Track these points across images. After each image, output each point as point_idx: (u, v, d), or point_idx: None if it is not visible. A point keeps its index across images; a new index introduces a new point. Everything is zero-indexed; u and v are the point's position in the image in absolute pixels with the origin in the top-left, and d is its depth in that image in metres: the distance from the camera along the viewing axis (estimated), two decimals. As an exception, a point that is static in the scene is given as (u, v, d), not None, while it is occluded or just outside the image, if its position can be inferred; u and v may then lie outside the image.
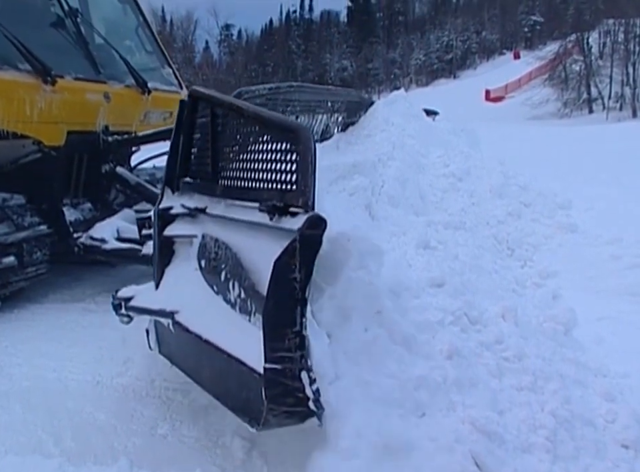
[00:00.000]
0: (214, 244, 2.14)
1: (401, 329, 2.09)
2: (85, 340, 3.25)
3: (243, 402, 1.83)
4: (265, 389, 1.62)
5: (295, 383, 1.62)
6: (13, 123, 3.47)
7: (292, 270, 1.58)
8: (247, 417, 1.79)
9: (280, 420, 1.70)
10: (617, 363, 2.68)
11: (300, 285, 1.58)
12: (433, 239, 3.23)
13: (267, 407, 1.64)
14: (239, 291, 1.93)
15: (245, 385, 1.78)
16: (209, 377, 2.07)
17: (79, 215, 4.05)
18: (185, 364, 2.27)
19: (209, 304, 2.09)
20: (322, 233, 1.59)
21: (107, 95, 4.10)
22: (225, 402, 1.96)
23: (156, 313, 2.32)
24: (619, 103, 37.83)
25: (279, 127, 1.87)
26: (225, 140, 2.25)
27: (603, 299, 3.51)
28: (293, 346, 1.60)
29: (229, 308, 1.99)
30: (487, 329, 2.48)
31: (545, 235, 4.26)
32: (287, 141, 1.80)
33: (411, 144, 4.25)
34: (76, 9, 4.30)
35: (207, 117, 2.34)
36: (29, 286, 3.91)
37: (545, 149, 12.01)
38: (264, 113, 2.01)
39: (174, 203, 2.47)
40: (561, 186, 5.55)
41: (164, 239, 2.47)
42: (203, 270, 2.22)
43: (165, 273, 2.47)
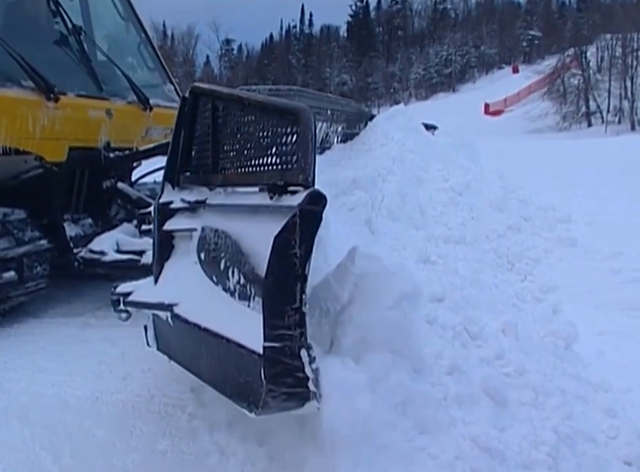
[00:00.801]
0: (213, 235, 2.13)
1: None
2: (85, 355, 3.24)
3: (242, 387, 1.81)
4: (264, 369, 1.60)
5: (295, 362, 1.60)
6: (16, 139, 3.49)
7: (292, 246, 1.57)
8: (245, 402, 1.77)
9: (279, 402, 1.67)
10: (619, 378, 2.67)
11: (300, 261, 1.56)
12: (433, 253, 3.23)
13: (266, 387, 1.61)
14: (238, 277, 1.91)
15: (244, 369, 1.76)
16: (207, 365, 2.05)
17: (79, 230, 4.06)
18: (184, 357, 2.25)
19: (208, 295, 2.07)
20: (322, 209, 1.59)
21: (109, 111, 4.13)
22: (224, 390, 1.94)
23: (155, 307, 2.31)
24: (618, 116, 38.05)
25: (280, 110, 1.88)
26: (226, 131, 2.27)
27: (603, 313, 3.51)
28: (292, 323, 1.59)
29: (228, 297, 1.97)
30: (487, 344, 2.47)
31: (544, 249, 4.26)
32: (287, 123, 1.81)
33: (411, 158, 4.27)
34: (79, 27, 4.34)
35: (207, 111, 2.36)
36: (29, 300, 3.91)
37: (545, 163, 12.05)
38: (264, 98, 2.03)
39: (174, 197, 2.47)
40: (561, 200, 5.56)
41: (163, 234, 2.47)
42: (202, 262, 2.21)
43: (165, 268, 2.46)
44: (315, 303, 1.85)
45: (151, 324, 2.46)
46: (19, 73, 3.58)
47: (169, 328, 2.22)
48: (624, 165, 10.22)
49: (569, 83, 41.53)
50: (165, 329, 2.34)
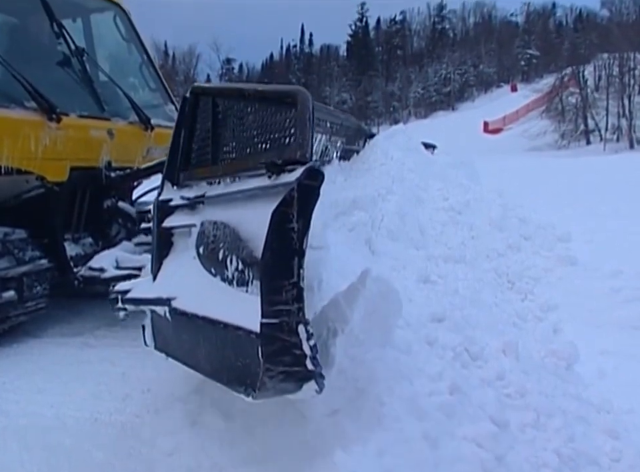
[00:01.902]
0: (212, 228, 2.13)
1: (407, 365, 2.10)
2: (84, 375, 3.22)
3: (239, 370, 1.80)
4: (262, 346, 1.59)
5: (292, 338, 1.58)
6: (18, 159, 3.52)
7: (290, 220, 1.57)
8: (242, 386, 1.76)
9: (276, 383, 1.65)
10: (620, 398, 2.66)
11: (297, 235, 1.56)
12: (432, 273, 3.23)
13: (264, 366, 1.60)
14: (236, 264, 1.91)
15: (242, 351, 1.75)
16: (205, 355, 2.03)
17: (79, 249, 4.07)
18: (181, 351, 2.24)
19: (206, 288, 2.07)
20: (319, 184, 1.60)
21: (110, 131, 4.17)
22: (221, 378, 1.93)
23: (153, 302, 2.31)
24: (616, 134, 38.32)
25: (278, 94, 1.93)
26: (226, 125, 2.31)
27: (604, 332, 3.50)
28: (290, 298, 1.58)
29: (226, 286, 1.96)
30: (488, 365, 2.47)
31: (545, 268, 4.26)
32: (285, 105, 1.84)
33: (410, 178, 4.28)
34: (82, 48, 4.39)
35: (208, 109, 2.39)
36: (28, 320, 3.90)
37: (544, 180, 12.10)
38: (263, 87, 2.07)
39: (173, 195, 2.49)
40: (560, 218, 5.57)
41: (163, 231, 2.48)
42: (201, 256, 2.21)
43: (163, 265, 2.46)
44: (322, 323, 1.86)
45: (149, 322, 2.46)
46: (21, 94, 3.62)
47: (166, 323, 2.22)
48: (623, 183, 10.27)
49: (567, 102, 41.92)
50: (162, 326, 2.33)
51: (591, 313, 3.69)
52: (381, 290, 1.99)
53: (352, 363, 1.95)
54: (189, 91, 2.55)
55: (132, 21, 5.18)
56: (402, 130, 5.01)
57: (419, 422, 1.96)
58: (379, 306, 1.98)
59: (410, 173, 4.30)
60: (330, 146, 3.90)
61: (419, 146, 5.16)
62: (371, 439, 1.84)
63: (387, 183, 3.82)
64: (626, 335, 3.47)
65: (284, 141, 1.82)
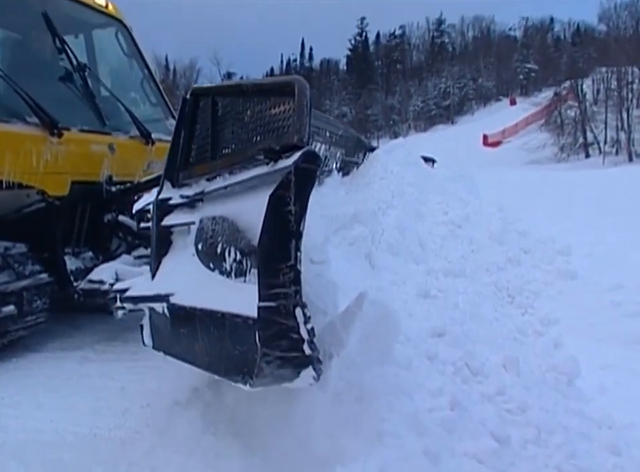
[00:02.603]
0: (211, 223, 2.15)
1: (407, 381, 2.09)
2: (83, 390, 3.20)
3: (237, 359, 1.79)
4: (259, 331, 1.59)
5: (290, 321, 1.58)
6: (19, 173, 3.52)
7: (287, 203, 1.58)
8: (240, 375, 1.75)
9: (274, 369, 1.64)
10: (622, 414, 2.65)
11: (295, 218, 1.58)
12: (433, 287, 3.24)
13: (261, 351, 1.59)
14: (234, 256, 1.91)
15: (239, 339, 1.75)
16: (202, 348, 2.03)
17: (80, 263, 4.06)
18: (179, 347, 2.23)
19: (205, 283, 2.07)
20: (316, 167, 1.63)
21: (111, 146, 4.18)
22: (218, 369, 1.93)
23: (151, 299, 2.31)
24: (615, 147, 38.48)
25: (276, 85, 1.97)
26: (225, 122, 2.34)
27: (604, 346, 3.49)
28: (287, 281, 1.58)
29: (224, 279, 1.97)
30: (488, 380, 2.46)
31: (545, 282, 4.27)
32: (284, 95, 1.87)
33: (410, 192, 4.30)
34: (84, 64, 4.43)
35: (208, 108, 2.42)
36: (28, 334, 3.89)
37: (543, 193, 12.14)
38: (261, 80, 2.13)
39: (173, 194, 2.50)
40: (560, 231, 5.59)
41: (162, 229, 2.49)
42: (199, 253, 2.22)
43: (162, 263, 2.47)
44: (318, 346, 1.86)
45: (147, 322, 2.45)
46: (23, 108, 3.64)
47: (164, 320, 2.22)
48: (622, 196, 10.30)
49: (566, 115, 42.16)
50: (161, 323, 2.33)
51: (591, 327, 3.69)
52: (378, 313, 1.99)
53: (348, 385, 1.95)
54: (188, 93, 2.59)
55: (134, 37, 5.23)
56: (401, 144, 5.04)
57: (419, 438, 1.95)
58: (377, 329, 1.98)
59: (410, 187, 4.32)
60: (329, 156, 3.87)
61: (419, 160, 5.19)
62: (372, 456, 1.84)
63: (387, 197, 3.83)
64: (627, 349, 3.46)
65: (283, 130, 1.85)
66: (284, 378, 1.68)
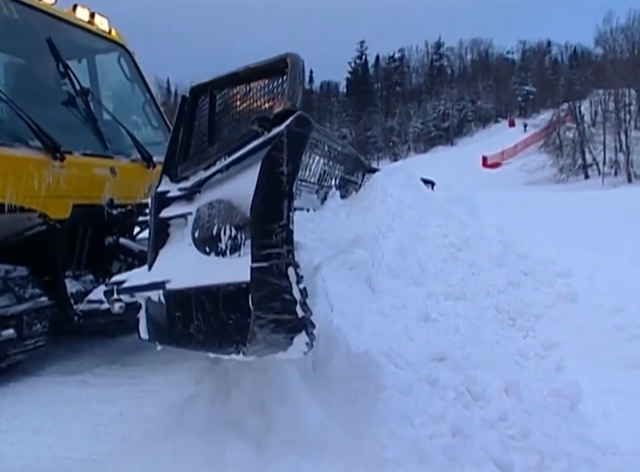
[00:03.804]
0: (208, 209, 2.18)
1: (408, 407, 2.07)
2: (82, 415, 3.18)
3: (230, 330, 1.80)
4: (252, 292, 1.60)
5: (282, 282, 1.59)
6: (21, 197, 3.54)
7: (279, 164, 1.63)
8: (233, 345, 1.76)
9: (267, 334, 1.64)
10: (626, 439, 2.61)
11: (287, 179, 1.62)
12: (433, 311, 3.23)
13: (254, 314, 1.60)
14: (229, 232, 1.95)
15: (233, 306, 1.77)
16: (197, 328, 2.03)
17: (80, 286, 4.06)
18: (174, 333, 2.23)
19: (200, 266, 2.09)
20: (308, 131, 1.68)
21: (113, 169, 4.21)
22: (212, 346, 1.94)
23: (147, 287, 2.33)
24: (614, 168, 38.67)
25: (270, 64, 2.05)
26: (223, 110, 2.42)
27: (607, 370, 3.46)
28: (280, 241, 1.60)
29: (219, 259, 1.99)
30: (490, 405, 2.44)
31: (545, 305, 4.25)
32: (278, 72, 1.96)
33: (410, 214, 4.30)
34: (87, 88, 4.48)
35: (206, 103, 2.48)
36: (27, 358, 3.86)
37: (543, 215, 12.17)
38: (255, 63, 2.19)
39: (171, 188, 2.55)
40: (560, 253, 5.58)
41: (160, 221, 2.51)
42: (196, 240, 2.24)
43: (159, 255, 2.49)
44: None
45: (143, 314, 2.46)
46: (26, 132, 3.67)
47: (160, 308, 2.23)
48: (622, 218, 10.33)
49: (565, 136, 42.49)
50: (157, 313, 2.34)
51: (593, 351, 3.66)
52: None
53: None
54: (188, 91, 2.66)
55: (136, 62, 5.31)
56: (401, 167, 5.06)
57: (421, 466, 1.93)
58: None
59: (410, 210, 4.32)
60: (328, 170, 3.84)
61: (419, 182, 5.20)
62: (373, 484, 1.82)
63: (387, 220, 3.84)
64: (629, 373, 3.43)
65: (276, 98, 1.95)
66: (277, 344, 1.68)
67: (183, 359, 3.97)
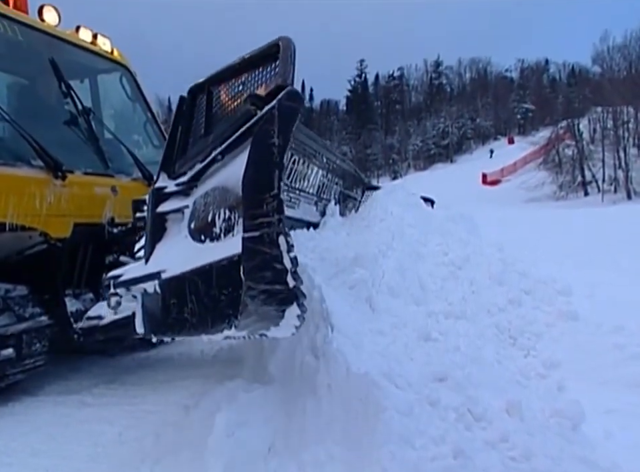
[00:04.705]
0: (203, 199, 2.22)
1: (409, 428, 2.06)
2: (81, 436, 3.15)
3: (223, 305, 1.82)
4: (244, 262, 1.62)
5: (273, 250, 1.61)
6: (23, 216, 3.56)
7: (271, 136, 1.67)
8: (225, 321, 1.77)
9: (258, 306, 1.65)
10: (630, 461, 2.58)
11: (278, 150, 1.65)
12: (433, 330, 3.22)
13: (246, 284, 1.61)
14: (224, 215, 1.98)
15: (225, 280, 1.79)
16: (191, 311, 2.04)
17: (80, 305, 4.05)
18: (169, 322, 2.24)
19: (196, 254, 2.11)
20: (299, 106, 1.72)
21: (114, 188, 4.24)
22: (206, 326, 1.96)
23: (144, 279, 2.36)
24: (613, 185, 38.76)
25: (264, 50, 2.11)
26: (218, 105, 2.48)
27: (609, 390, 3.43)
28: (270, 210, 1.62)
29: (214, 244, 2.02)
30: (492, 426, 2.42)
31: (546, 323, 4.23)
32: (271, 58, 2.02)
33: (410, 233, 4.31)
34: (88, 107, 4.52)
35: (203, 101, 2.55)
36: (26, 377, 3.84)
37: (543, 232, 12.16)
38: (249, 53, 2.26)
39: (168, 184, 2.60)
40: (560, 271, 5.56)
41: (157, 216, 2.55)
42: (192, 231, 2.28)
43: (156, 249, 2.52)
44: None
45: (139, 308, 2.48)
46: (29, 152, 3.70)
47: (156, 298, 2.26)
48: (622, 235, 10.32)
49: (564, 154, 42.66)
50: (152, 304, 2.35)
51: (595, 370, 3.63)
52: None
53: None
54: (187, 91, 2.73)
55: (137, 81, 5.36)
56: (401, 185, 5.08)
57: (422, 488, 1.91)
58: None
59: (410, 228, 4.33)
60: (327, 183, 3.82)
61: (419, 200, 5.22)
62: (373, 507, 1.80)
63: (387, 238, 3.84)
64: (632, 393, 3.40)
65: (270, 77, 2.02)
66: (269, 318, 1.68)
67: (181, 378, 3.96)
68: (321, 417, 2.15)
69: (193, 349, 4.75)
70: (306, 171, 3.28)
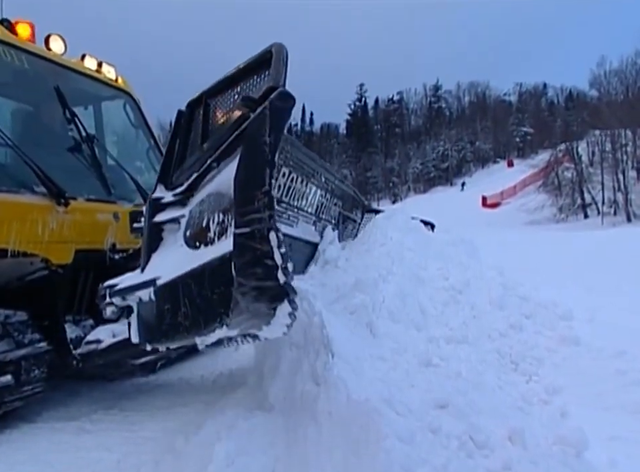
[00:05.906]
0: (199, 206, 2.24)
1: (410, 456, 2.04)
2: (79, 463, 3.12)
3: (214, 304, 1.82)
4: (235, 258, 1.63)
5: (264, 246, 1.61)
6: (25, 243, 3.57)
7: (262, 134, 1.70)
8: (217, 319, 1.77)
9: (249, 303, 1.64)
10: (634, 490, 2.56)
11: (269, 149, 1.68)
12: (434, 355, 3.21)
13: (237, 281, 1.61)
14: (218, 219, 1.99)
15: (216, 279, 1.80)
16: (184, 314, 2.04)
17: (79, 331, 4.04)
18: (164, 328, 2.24)
19: (189, 260, 2.11)
20: (290, 106, 1.76)
21: (116, 214, 4.26)
22: (199, 328, 1.95)
23: (139, 287, 2.37)
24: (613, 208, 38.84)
25: (259, 58, 2.16)
26: (215, 116, 2.53)
27: (612, 416, 3.41)
28: (262, 206, 1.64)
29: (208, 249, 2.02)
30: (494, 454, 2.40)
31: (548, 348, 4.21)
32: (265, 61, 2.05)
33: (410, 257, 4.32)
34: (92, 134, 4.57)
35: (200, 114, 2.60)
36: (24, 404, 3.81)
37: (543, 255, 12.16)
38: (244, 62, 2.30)
39: (165, 194, 2.64)
40: (561, 294, 5.56)
41: (153, 225, 2.58)
42: (187, 239, 2.30)
43: (152, 258, 2.54)
44: None
45: (135, 317, 2.49)
46: (32, 179, 3.72)
47: (151, 306, 2.27)
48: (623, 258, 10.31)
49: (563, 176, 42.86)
50: (147, 312, 2.36)
51: (597, 396, 3.61)
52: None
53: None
54: (185, 105, 2.79)
55: (141, 109, 5.43)
56: (401, 210, 5.11)
57: (424, 519, 1.89)
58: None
59: (410, 253, 4.34)
60: (326, 203, 3.80)
61: (419, 225, 5.24)
62: None
63: (387, 263, 3.85)
64: (635, 419, 3.37)
65: (262, 81, 2.06)
66: (260, 316, 1.68)
67: (181, 404, 3.93)
68: (322, 445, 2.13)
69: (193, 374, 4.73)
70: (304, 189, 3.28)
